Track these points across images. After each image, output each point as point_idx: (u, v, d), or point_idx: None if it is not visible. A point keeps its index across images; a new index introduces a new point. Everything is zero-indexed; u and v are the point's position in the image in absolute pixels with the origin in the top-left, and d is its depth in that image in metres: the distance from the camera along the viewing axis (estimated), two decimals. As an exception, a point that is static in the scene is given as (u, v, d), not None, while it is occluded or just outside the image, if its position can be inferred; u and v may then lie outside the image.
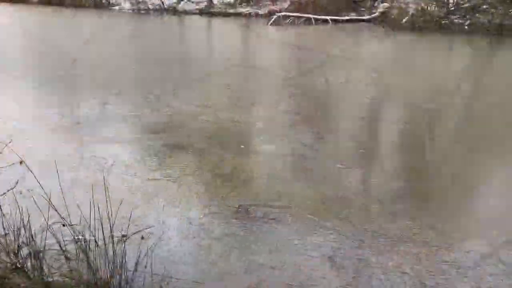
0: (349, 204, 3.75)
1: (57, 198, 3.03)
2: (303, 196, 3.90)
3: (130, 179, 4.21)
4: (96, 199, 3.66)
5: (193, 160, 4.74)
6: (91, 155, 4.76)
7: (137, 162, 4.64)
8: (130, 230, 3.27)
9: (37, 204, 3.21)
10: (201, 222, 3.45)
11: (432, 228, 3.37)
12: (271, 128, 5.89)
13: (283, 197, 3.87)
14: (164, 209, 3.64)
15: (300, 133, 5.68)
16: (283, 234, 3.27)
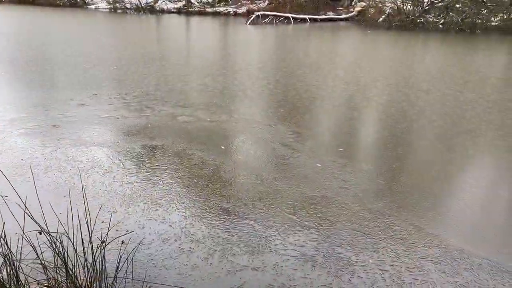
0: (329, 203, 3.79)
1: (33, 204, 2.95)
2: (284, 196, 3.92)
3: (108, 182, 4.13)
4: (74, 204, 3.60)
5: (173, 161, 4.69)
6: (68, 158, 4.66)
7: (116, 165, 4.56)
8: (110, 235, 3.21)
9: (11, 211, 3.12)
10: (182, 225, 3.42)
11: (411, 225, 3.44)
12: (250, 128, 5.89)
13: (264, 198, 3.88)
14: (144, 213, 3.59)
15: (280, 132, 5.70)
16: (264, 235, 3.27)
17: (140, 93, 7.65)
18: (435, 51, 14.40)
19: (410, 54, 13.81)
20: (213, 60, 11.61)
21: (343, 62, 11.55)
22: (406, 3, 23.05)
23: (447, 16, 22.09)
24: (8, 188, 3.70)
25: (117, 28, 20.46)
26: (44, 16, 26.76)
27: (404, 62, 11.73)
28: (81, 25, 22.12)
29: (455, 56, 12.66)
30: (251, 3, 29.95)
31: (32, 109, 6.51)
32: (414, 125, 6.19)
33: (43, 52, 12.04)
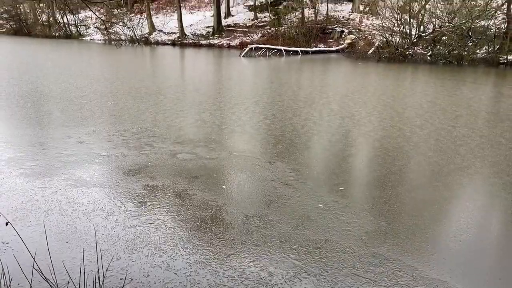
0: (334, 248, 3.79)
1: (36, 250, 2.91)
2: (289, 239, 3.92)
3: (110, 226, 4.10)
4: (76, 251, 3.56)
5: (174, 203, 4.68)
6: (69, 201, 4.63)
7: (117, 207, 4.54)
8: (114, 283, 3.17)
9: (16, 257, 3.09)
10: (187, 272, 3.38)
11: (416, 270, 3.45)
12: (250, 165, 5.93)
13: (268, 242, 3.87)
14: (148, 259, 3.55)
15: (280, 170, 5.74)
16: (271, 283, 3.25)
17: (138, 130, 7.70)
18: (425, 83, 14.77)
19: (401, 87, 14.15)
20: (210, 94, 11.76)
21: (336, 96, 11.78)
22: (395, 35, 23.77)
23: (434, 48, 22.80)
24: (9, 233, 3.67)
25: (113, 60, 20.71)
26: (40, 48, 27.05)
27: (396, 95, 12.00)
28: (76, 57, 22.38)
29: (445, 89, 12.98)
30: (244, 36, 30.67)
31: (30, 148, 6.50)
32: (411, 161, 6.29)
33: (38, 87, 12.10)
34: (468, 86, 14.04)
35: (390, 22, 23.93)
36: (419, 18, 23.34)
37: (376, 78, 15.96)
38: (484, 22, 22.01)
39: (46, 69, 16.49)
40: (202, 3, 38.67)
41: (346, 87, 13.51)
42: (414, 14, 23.59)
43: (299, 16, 28.72)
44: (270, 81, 14.92)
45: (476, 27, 21.77)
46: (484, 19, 21.55)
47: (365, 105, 10.35)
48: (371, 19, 29.94)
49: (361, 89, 12.91)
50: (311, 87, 13.53)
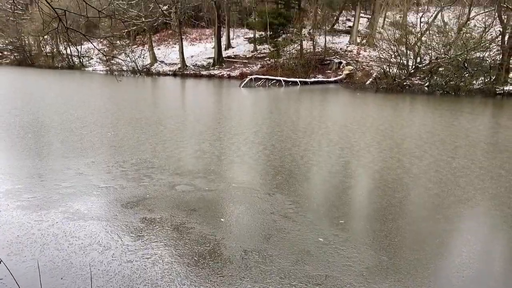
0: (335, 284, 3.71)
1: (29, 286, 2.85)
2: (288, 275, 3.84)
3: (107, 261, 4.03)
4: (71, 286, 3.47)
5: (172, 237, 4.62)
6: (65, 234, 4.56)
7: (115, 241, 4.47)
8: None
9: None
10: (184, 310, 3.30)
11: (418, 308, 3.36)
12: (249, 197, 5.88)
13: (267, 278, 3.79)
14: (145, 297, 3.47)
15: (280, 203, 5.70)
16: (271, 322, 3.16)
17: (137, 161, 7.70)
18: (423, 114, 14.90)
19: (399, 117, 14.26)
20: (210, 124, 11.84)
21: (335, 126, 11.85)
22: (392, 66, 24.19)
23: (431, 79, 23.14)
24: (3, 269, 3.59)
25: (114, 91, 20.96)
26: (42, 78, 27.45)
27: (395, 126, 12.08)
28: (78, 87, 22.67)
29: (443, 120, 13.08)
30: (244, 67, 31.21)
31: (28, 180, 6.48)
32: (411, 193, 6.25)
33: (39, 117, 12.20)
34: (466, 117, 14.15)
35: (387, 53, 24.40)
36: (415, 49, 23.82)
37: (375, 109, 16.12)
38: (479, 54, 22.45)
39: (48, 100, 16.68)
40: (203, 36, 39.57)
41: (345, 117, 13.62)
42: (411, 46, 24.10)
43: (297, 48, 29.31)
44: (270, 111, 15.05)
45: (472, 58, 22.18)
46: (479, 51, 21.98)
47: (364, 135, 10.40)
48: (368, 50, 30.56)
49: (360, 119, 13.00)
50: (310, 117, 13.64)
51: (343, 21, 37.38)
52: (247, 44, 35.40)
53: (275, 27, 30.07)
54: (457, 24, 27.54)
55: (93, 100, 16.69)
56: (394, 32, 25.42)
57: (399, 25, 27.99)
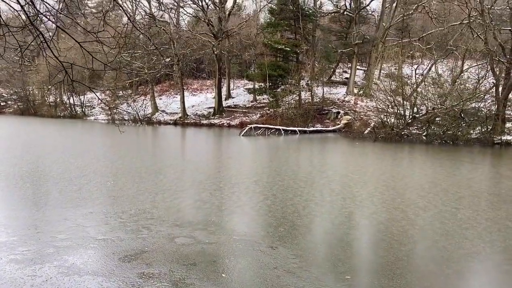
0: None
1: None
2: (294, 337, 3.60)
3: (102, 322, 3.79)
4: None
5: (172, 294, 4.40)
6: (59, 292, 4.35)
7: (110, 299, 4.25)
8: None
9: None
10: None
11: None
12: (251, 250, 5.69)
13: None
14: None
15: (283, 257, 5.50)
16: None
17: (136, 211, 7.54)
18: (423, 163, 14.90)
19: (399, 167, 14.25)
20: (209, 173, 11.77)
21: (336, 176, 11.79)
22: (390, 116, 24.57)
23: (429, 128, 23.42)
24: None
25: (115, 140, 21.09)
26: (44, 127, 27.73)
27: (396, 176, 12.03)
28: (79, 136, 22.84)
29: (443, 169, 13.04)
30: (244, 116, 31.69)
31: (23, 231, 6.29)
32: (418, 246, 6.07)
33: (39, 166, 12.14)
34: (466, 166, 14.14)
35: (384, 104, 24.88)
36: (411, 100, 24.32)
37: (374, 158, 16.14)
38: (474, 104, 22.90)
39: (48, 149, 16.71)
40: (204, 86, 40.59)
41: (345, 167, 13.59)
42: (407, 96, 24.63)
43: (296, 98, 29.94)
44: (270, 160, 15.05)
45: (467, 109, 22.59)
46: (474, 102, 22.45)
47: (366, 185, 10.31)
48: (365, 101, 31.22)
49: (360, 169, 12.97)
50: (310, 167, 13.60)
51: (340, 73, 38.56)
52: (246, 94, 36.21)
53: (274, 78, 30.92)
54: (450, 76, 28.37)
55: (93, 149, 16.73)
56: (390, 84, 26.07)
57: (394, 77, 28.82)
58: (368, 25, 36.99)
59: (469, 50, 25.56)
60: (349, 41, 33.18)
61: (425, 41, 31.08)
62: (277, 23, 31.75)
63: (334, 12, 36.39)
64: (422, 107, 24.44)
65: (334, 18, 37.12)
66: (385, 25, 31.21)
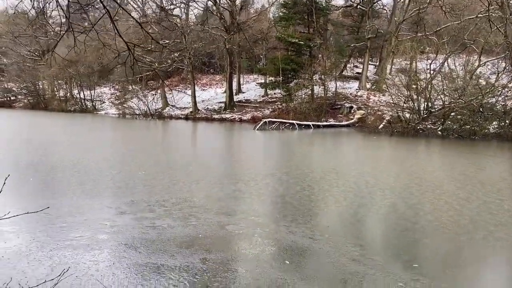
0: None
1: None
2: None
3: (181, 307, 3.68)
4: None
5: (243, 280, 4.27)
6: (127, 276, 4.23)
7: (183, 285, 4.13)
8: None
9: None
10: None
11: None
12: (303, 237, 5.56)
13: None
14: None
15: (341, 245, 5.36)
16: None
17: (177, 200, 7.41)
18: (449, 157, 14.72)
19: (426, 160, 14.09)
20: (236, 166, 11.65)
21: (365, 168, 11.56)
22: (404, 111, 24.36)
23: (444, 123, 23.20)
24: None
25: (131, 133, 21.00)
26: (57, 121, 27.66)
27: (425, 168, 11.88)
28: (95, 130, 22.75)
29: (471, 162, 12.86)
30: (255, 111, 31.53)
31: (70, 218, 6.19)
32: (475, 236, 5.91)
33: (64, 158, 12.03)
34: (493, 160, 13.96)
35: (397, 98, 24.66)
36: (426, 94, 24.07)
37: (397, 152, 15.99)
38: (491, 99, 22.67)
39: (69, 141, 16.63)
40: (213, 81, 40.40)
41: (371, 160, 13.44)
42: (421, 90, 24.39)
43: (309, 93, 29.74)
44: (292, 153, 14.92)
45: (485, 103, 22.35)
46: (493, 96, 22.23)
47: (399, 177, 10.17)
48: (378, 95, 30.99)
49: (387, 162, 12.84)
50: (335, 159, 13.47)
51: (351, 68, 38.31)
52: (257, 89, 36.01)
53: (287, 72, 30.69)
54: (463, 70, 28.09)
55: (114, 142, 16.65)
56: (406, 78, 25.81)
57: (408, 71, 28.55)
58: (380, 19, 36.67)
59: (489, 44, 25.21)
60: (361, 35, 32.92)
61: (440, 35, 30.74)
62: (290, 17, 31.48)
63: (347, 6, 36.12)
64: (436, 101, 24.21)
65: (346, 12, 36.82)
66: (398, 19, 30.92)
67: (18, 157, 11.81)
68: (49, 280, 3.13)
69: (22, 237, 5.33)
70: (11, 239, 5.24)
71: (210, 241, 5.38)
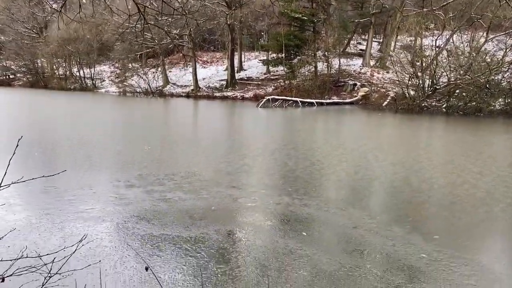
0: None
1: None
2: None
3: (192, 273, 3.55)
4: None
5: (259, 252, 4.15)
6: (142, 246, 4.10)
7: (197, 252, 4.00)
8: None
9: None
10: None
11: None
12: (319, 210, 5.43)
13: (390, 296, 3.32)
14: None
15: (356, 217, 5.24)
16: None
17: (186, 174, 7.27)
18: (457, 133, 14.50)
19: (434, 136, 13.91)
20: (242, 142, 11.48)
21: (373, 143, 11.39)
22: (409, 88, 24.03)
23: (449, 100, 22.92)
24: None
25: (133, 110, 20.75)
26: (60, 100, 27.35)
27: (434, 144, 11.74)
28: (97, 108, 22.47)
29: (480, 139, 12.68)
30: (257, 88, 31.15)
31: (79, 191, 6.05)
32: (494, 209, 5.78)
33: (68, 134, 11.85)
34: (502, 136, 13.79)
35: (402, 75, 24.31)
36: (431, 71, 23.69)
37: (404, 128, 15.80)
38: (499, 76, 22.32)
39: (71, 119, 16.41)
40: (214, 59, 39.82)
41: (379, 136, 13.26)
42: (426, 67, 24.00)
43: (312, 70, 29.30)
44: (298, 129, 14.72)
45: (491, 79, 22.01)
46: (500, 72, 21.89)
47: (409, 152, 10.00)
48: (382, 72, 30.56)
49: (395, 137, 12.66)
50: (342, 135, 13.30)
51: (354, 45, 37.66)
52: (259, 66, 35.51)
53: (290, 48, 30.17)
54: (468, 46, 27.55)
55: (116, 119, 16.42)
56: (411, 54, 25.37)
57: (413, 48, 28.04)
58: (385, -6, 35.78)
59: (497, 18, 24.63)
60: (365, 11, 32.21)
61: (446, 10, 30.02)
62: (293, -9, 30.71)
63: (351, -20, 35.19)
64: (441, 78, 23.83)
65: (349, -13, 35.92)
66: (403, -6, 30.16)
67: (21, 134, 11.60)
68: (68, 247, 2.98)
69: (31, 209, 5.21)
70: (20, 212, 5.11)
71: (224, 214, 5.25)
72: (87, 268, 3.52)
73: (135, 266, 3.72)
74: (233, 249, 4.20)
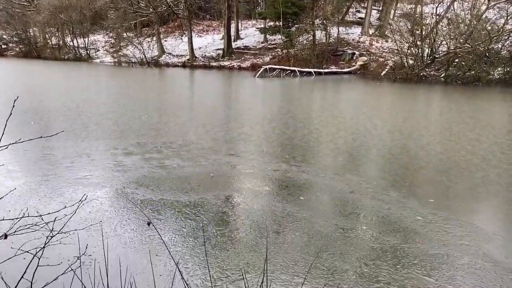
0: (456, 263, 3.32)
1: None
2: (405, 255, 3.45)
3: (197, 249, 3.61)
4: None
5: (257, 217, 4.21)
6: (143, 209, 4.15)
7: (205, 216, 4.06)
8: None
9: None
10: None
11: None
12: (316, 176, 5.48)
13: (381, 256, 3.40)
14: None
15: (354, 183, 5.29)
16: None
17: (184, 142, 7.27)
18: (457, 101, 14.47)
19: (433, 104, 13.86)
20: (240, 110, 11.42)
21: (372, 112, 11.36)
22: (408, 57, 23.76)
23: (447, 70, 22.73)
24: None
25: (128, 80, 20.49)
26: (52, 70, 26.94)
27: (433, 111, 11.71)
28: (92, 77, 22.19)
29: (479, 107, 12.67)
30: (254, 58, 30.73)
31: (77, 159, 6.06)
32: (490, 174, 5.85)
33: (64, 103, 11.74)
34: (501, 104, 13.78)
35: (401, 44, 23.99)
36: (431, 39, 23.36)
37: (402, 97, 15.73)
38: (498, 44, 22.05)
39: (67, 88, 16.21)
40: (210, 27, 39.03)
41: (377, 105, 13.21)
42: (426, 35, 23.65)
43: (310, 39, 28.83)
44: (296, 99, 14.63)
45: (491, 48, 21.76)
46: (501, 40, 21.60)
47: (407, 120, 10.00)
48: (380, 41, 30.14)
49: (394, 106, 12.62)
50: (341, 104, 13.24)
51: (353, 13, 36.91)
52: (256, 35, 34.89)
53: (288, 16, 29.54)
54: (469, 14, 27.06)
55: (113, 88, 16.25)
56: (411, 22, 24.95)
57: (412, 16, 27.53)
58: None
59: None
60: (365, -23, 31.37)
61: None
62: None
63: None
64: (440, 47, 23.53)
65: (349, -48, 34.82)
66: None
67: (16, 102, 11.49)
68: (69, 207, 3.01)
69: (29, 175, 5.22)
70: (19, 178, 5.12)
71: (223, 180, 5.29)
72: (88, 230, 3.57)
73: (136, 228, 3.77)
74: (232, 212, 4.25)
